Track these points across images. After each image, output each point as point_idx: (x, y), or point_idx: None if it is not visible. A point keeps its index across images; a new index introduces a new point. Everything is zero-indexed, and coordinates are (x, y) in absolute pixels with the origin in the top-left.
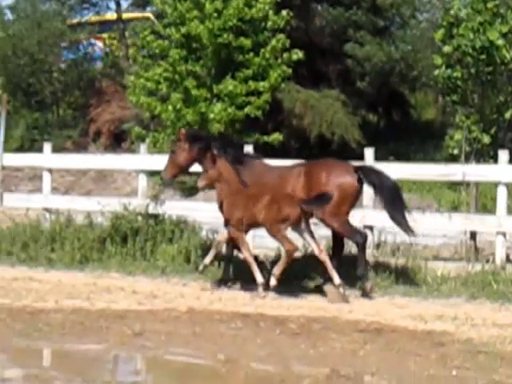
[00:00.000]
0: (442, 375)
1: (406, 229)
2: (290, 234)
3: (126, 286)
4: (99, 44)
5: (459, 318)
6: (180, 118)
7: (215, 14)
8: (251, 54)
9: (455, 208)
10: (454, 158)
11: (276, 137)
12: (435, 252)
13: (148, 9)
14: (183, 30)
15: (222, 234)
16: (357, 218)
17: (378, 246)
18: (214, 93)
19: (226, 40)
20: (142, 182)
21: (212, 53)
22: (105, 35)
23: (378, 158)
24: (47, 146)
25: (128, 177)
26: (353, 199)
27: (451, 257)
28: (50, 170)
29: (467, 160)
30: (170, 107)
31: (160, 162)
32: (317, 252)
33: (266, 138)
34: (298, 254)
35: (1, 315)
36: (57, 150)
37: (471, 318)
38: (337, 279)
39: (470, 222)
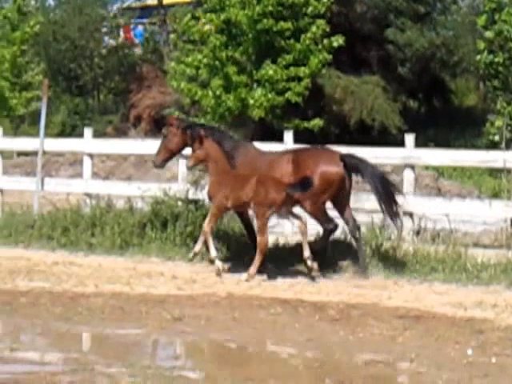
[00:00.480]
0: (481, 362)
1: (393, 217)
2: None
3: (165, 271)
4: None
5: (499, 305)
6: (220, 104)
7: (254, 1)
8: (291, 40)
9: (496, 195)
10: (494, 145)
11: (316, 122)
12: (475, 239)
13: None
14: (223, 15)
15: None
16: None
17: (417, 232)
18: (254, 78)
19: (266, 25)
20: (182, 167)
21: (252, 38)
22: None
23: (418, 144)
24: (88, 131)
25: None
26: (338, 186)
27: (491, 244)
28: (91, 155)
29: (508, 147)
30: (211, 93)
31: None
32: (298, 224)
33: (306, 124)
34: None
35: (41, 299)
36: (97, 135)
37: (511, 305)
38: (306, 253)
39: (510, 209)
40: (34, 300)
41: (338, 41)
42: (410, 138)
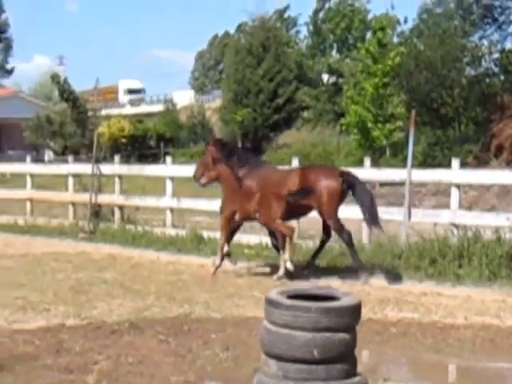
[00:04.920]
0: None
1: (376, 224)
2: None
3: None
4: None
5: None
6: None
7: None
8: None
9: None
10: None
11: None
12: None
13: None
14: None
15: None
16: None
17: None
18: None
19: None
20: None
21: None
22: None
23: None
24: (455, 162)
25: None
26: (336, 197)
27: None
28: (458, 186)
29: None
30: None
31: None
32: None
33: None
34: None
35: (411, 330)
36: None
37: None
38: (286, 255)
39: None
40: (403, 330)
41: None
42: None
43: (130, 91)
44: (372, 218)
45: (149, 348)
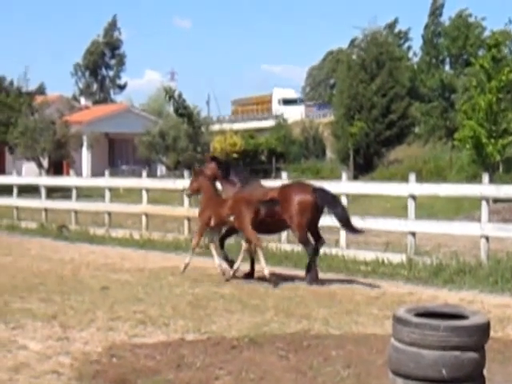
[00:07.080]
0: None
1: (355, 230)
2: None
3: None
4: None
5: None
6: None
7: None
8: None
9: None
10: None
11: None
12: None
13: None
14: None
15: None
16: None
17: None
18: None
19: None
20: None
21: None
22: None
23: None
24: None
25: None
26: (308, 211)
27: None
28: None
29: None
30: None
31: None
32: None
33: None
34: None
35: None
36: None
37: None
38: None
39: None
40: None
41: None
42: None
43: (285, 101)
44: (347, 227)
45: (269, 364)
